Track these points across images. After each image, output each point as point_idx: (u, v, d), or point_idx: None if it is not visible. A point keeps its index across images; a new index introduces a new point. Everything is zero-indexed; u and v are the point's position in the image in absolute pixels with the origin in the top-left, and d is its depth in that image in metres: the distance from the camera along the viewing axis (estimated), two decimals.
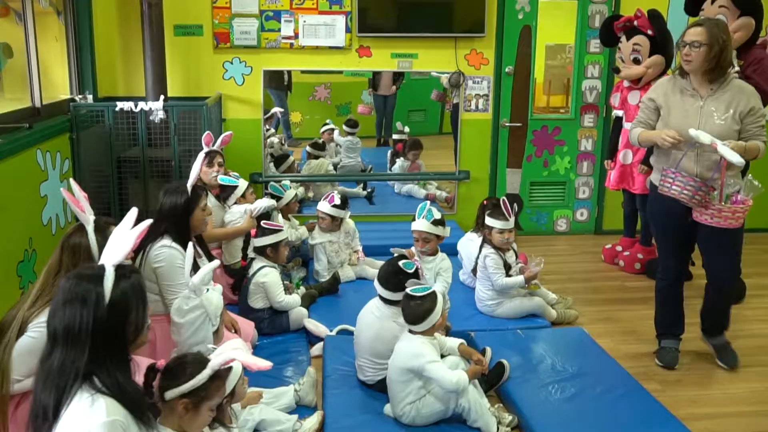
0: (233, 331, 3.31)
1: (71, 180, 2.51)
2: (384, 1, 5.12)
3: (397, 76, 5.84)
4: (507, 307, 3.76)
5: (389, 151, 6.25)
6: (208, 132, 4.15)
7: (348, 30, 5.08)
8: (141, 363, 1.94)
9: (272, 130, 6.13)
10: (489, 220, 3.74)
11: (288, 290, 3.79)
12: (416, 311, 2.65)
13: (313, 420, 2.70)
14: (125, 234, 1.84)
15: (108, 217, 2.59)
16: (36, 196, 3.76)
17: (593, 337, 3.63)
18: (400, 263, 2.92)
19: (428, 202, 3.58)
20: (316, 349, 3.47)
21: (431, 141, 6.10)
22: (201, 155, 3.35)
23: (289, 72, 5.70)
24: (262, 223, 3.72)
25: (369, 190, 6.01)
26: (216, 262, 2.83)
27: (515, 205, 3.79)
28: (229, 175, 4.19)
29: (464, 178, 5.52)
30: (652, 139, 3.20)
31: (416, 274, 2.87)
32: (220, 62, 5.08)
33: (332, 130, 6.19)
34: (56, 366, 1.64)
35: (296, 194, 4.67)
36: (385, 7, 5.13)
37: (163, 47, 4.68)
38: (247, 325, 3.47)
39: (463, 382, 2.57)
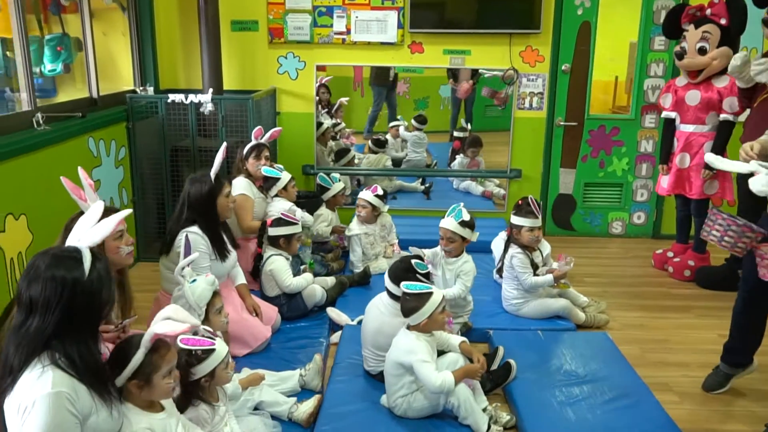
0: (254, 314, 3.46)
1: (79, 168, 2.63)
2: None
3: (475, 71, 5.79)
4: (532, 307, 3.69)
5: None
6: (259, 127, 4.29)
7: (400, 26, 5.11)
8: None
9: (342, 124, 6.25)
10: (517, 219, 3.69)
11: (305, 272, 3.91)
12: (405, 306, 2.68)
13: (309, 404, 2.77)
14: (101, 224, 1.97)
15: (113, 205, 2.72)
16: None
17: (620, 343, 3.52)
18: (413, 262, 2.95)
19: (461, 203, 3.57)
20: (336, 336, 3.54)
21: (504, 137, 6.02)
22: (223, 147, 3.46)
23: (394, 68, 5.74)
24: (281, 213, 3.82)
25: (427, 185, 6.03)
26: (195, 255, 2.93)
27: (541, 203, 3.72)
28: (274, 168, 4.31)
29: (515, 176, 5.44)
30: None
31: (426, 276, 2.88)
32: (275, 57, 5.24)
33: (399, 126, 6.25)
34: (30, 332, 1.77)
35: (344, 187, 4.74)
36: (438, 3, 5.12)
37: (219, 42, 4.88)
38: (271, 310, 3.60)
39: (448, 385, 2.56)
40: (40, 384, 1.73)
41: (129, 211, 2.13)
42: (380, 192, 4.33)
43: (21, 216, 3.25)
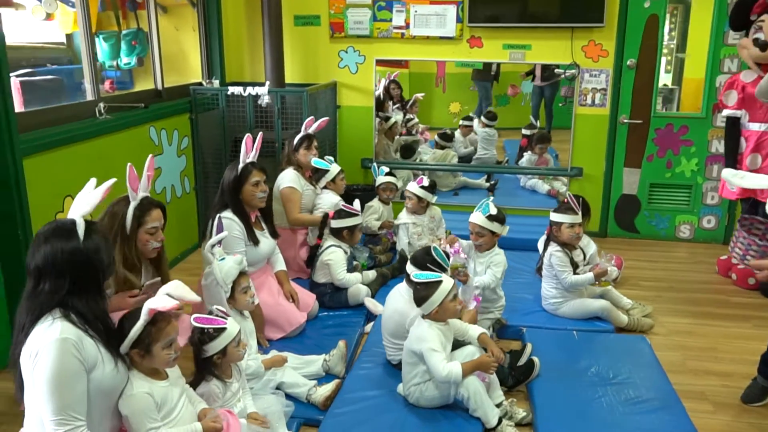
0: (291, 300, 3.56)
1: (149, 158, 2.82)
2: None
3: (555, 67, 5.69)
4: (570, 307, 3.61)
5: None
6: (311, 117, 4.40)
7: (459, 20, 5.09)
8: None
9: (415, 119, 6.30)
10: (557, 216, 3.61)
11: (356, 269, 3.97)
12: (416, 295, 2.70)
13: (328, 387, 2.84)
14: (90, 194, 2.11)
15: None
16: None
17: (662, 349, 3.39)
18: (432, 247, 2.96)
19: (491, 197, 3.53)
20: (369, 326, 3.60)
21: (566, 134, 5.90)
22: (246, 138, 3.55)
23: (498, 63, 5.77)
24: (342, 206, 3.88)
25: (492, 182, 5.99)
26: (224, 234, 3.07)
27: (581, 199, 3.64)
28: (324, 160, 4.40)
29: (576, 174, 5.31)
30: None
31: (440, 266, 2.88)
32: (336, 51, 5.35)
33: (471, 125, 6.23)
34: (42, 296, 1.93)
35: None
36: None
37: (281, 36, 5.03)
38: (308, 297, 3.69)
39: (454, 375, 2.56)
40: (50, 332, 1.89)
41: (113, 180, 2.24)
42: (426, 183, 4.34)
43: None
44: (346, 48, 5.33)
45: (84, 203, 2.05)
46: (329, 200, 4.21)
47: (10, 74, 4.43)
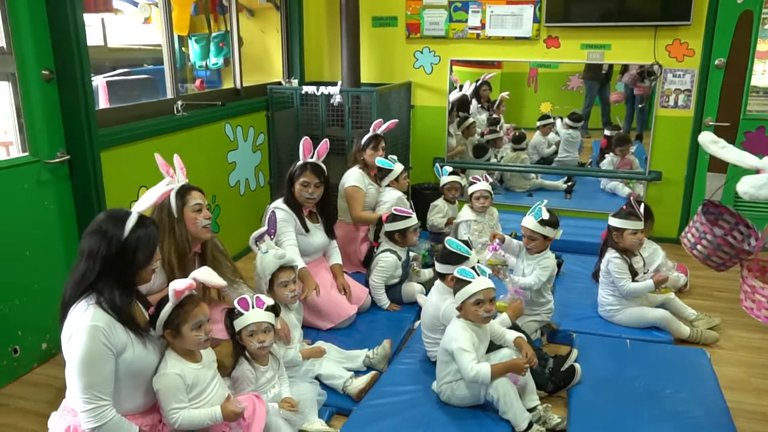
0: (343, 292, 3.66)
1: (176, 155, 3.01)
2: None
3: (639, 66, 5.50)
4: (627, 315, 3.50)
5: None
6: (379, 120, 4.49)
7: (536, 20, 5.02)
8: None
9: (501, 120, 6.26)
10: (619, 222, 3.50)
11: (416, 261, 4.02)
12: (454, 287, 2.74)
13: (363, 380, 2.91)
14: (152, 192, 2.29)
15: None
16: (223, 162, 4.49)
17: (725, 364, 3.24)
18: (447, 242, 3.02)
19: (544, 201, 3.48)
20: (418, 323, 3.64)
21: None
22: (304, 140, 3.66)
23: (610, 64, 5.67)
24: (393, 209, 3.95)
25: (570, 183, 5.87)
26: (263, 229, 3.15)
27: (643, 204, 3.51)
28: (388, 159, 4.47)
29: (655, 178, 5.10)
30: None
31: (459, 258, 2.91)
32: (412, 52, 5.40)
33: (552, 124, 6.13)
34: (78, 274, 2.13)
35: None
36: None
37: (358, 37, 5.15)
38: (361, 291, 3.78)
39: (482, 376, 2.56)
40: (84, 317, 2.07)
41: (171, 187, 2.41)
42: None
43: None
44: (421, 48, 5.38)
45: (143, 200, 2.23)
46: (391, 195, 4.29)
47: (109, 74, 4.82)
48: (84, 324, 2.05)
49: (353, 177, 4.33)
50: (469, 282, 2.64)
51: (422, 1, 5.24)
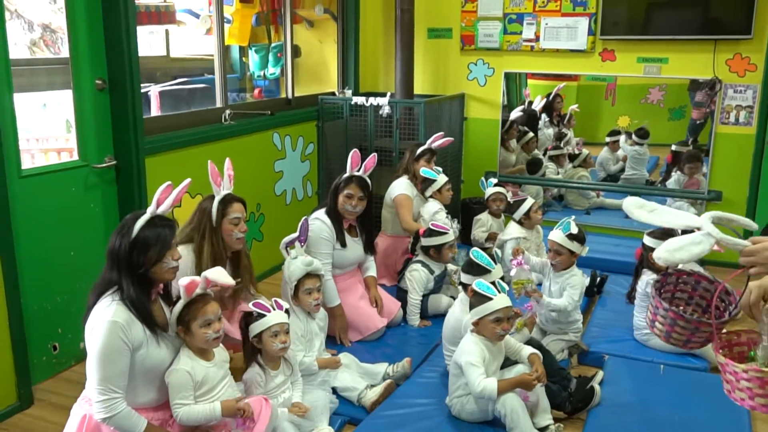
0: (374, 305, 3.70)
1: (227, 160, 3.12)
2: (632, 2, 4.80)
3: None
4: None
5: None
6: (440, 133, 4.52)
7: (591, 32, 4.92)
8: None
9: (570, 134, 6.13)
10: (654, 242, 3.39)
11: (456, 274, 4.01)
12: (470, 302, 2.73)
13: (377, 391, 2.93)
14: (172, 194, 2.40)
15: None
16: (270, 170, 4.63)
17: None
18: (473, 254, 3.02)
19: (573, 216, 3.41)
20: None
21: None
22: (353, 153, 3.70)
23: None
24: (431, 224, 3.95)
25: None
26: (294, 235, 3.23)
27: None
28: (432, 170, 4.47)
29: (714, 198, 4.89)
30: None
31: (481, 269, 2.92)
32: (465, 63, 5.40)
33: (618, 140, 5.97)
34: (103, 271, 2.28)
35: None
36: (633, 7, 4.81)
37: (412, 49, 5.19)
38: (393, 305, 3.80)
39: (489, 392, 2.53)
40: (106, 312, 2.20)
41: (188, 180, 2.57)
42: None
43: (197, 195, 3.88)
44: (475, 60, 5.37)
45: (163, 204, 2.35)
46: (429, 208, 4.29)
47: (168, 83, 5.05)
48: (105, 318, 2.18)
49: (402, 186, 4.35)
50: (490, 298, 2.63)
51: (477, 12, 5.24)
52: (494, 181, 4.66)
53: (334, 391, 3.00)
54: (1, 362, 2.95)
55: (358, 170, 3.65)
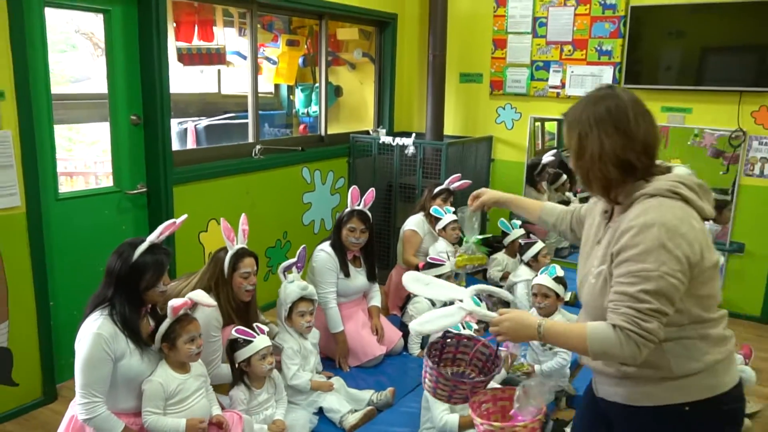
0: (375, 333, 3.89)
1: (243, 215, 3.31)
2: (656, 52, 4.88)
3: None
4: None
5: None
6: (457, 174, 4.68)
7: (615, 81, 5.02)
8: None
9: None
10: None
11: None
12: None
13: (357, 416, 3.10)
14: (164, 225, 2.68)
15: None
16: (299, 202, 4.92)
17: None
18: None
19: (556, 266, 3.51)
20: None
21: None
22: (352, 189, 3.92)
23: None
24: (429, 258, 4.11)
25: None
26: (292, 261, 3.41)
27: None
28: (442, 209, 4.61)
29: (736, 250, 4.84)
30: None
31: None
32: (494, 107, 5.58)
33: None
34: (100, 288, 2.56)
35: (523, 234, 4.79)
36: (658, 57, 4.88)
37: (443, 92, 5.42)
38: (394, 334, 3.98)
39: (450, 426, 2.68)
40: (93, 325, 2.47)
41: (185, 216, 2.81)
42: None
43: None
44: (504, 105, 5.54)
45: (157, 232, 2.62)
46: (437, 247, 4.44)
47: (215, 118, 5.43)
48: (92, 330, 2.45)
49: (414, 222, 4.54)
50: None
51: (506, 59, 5.42)
52: (518, 222, 4.77)
53: (321, 410, 3.19)
54: (29, 362, 3.32)
55: (358, 205, 3.87)
